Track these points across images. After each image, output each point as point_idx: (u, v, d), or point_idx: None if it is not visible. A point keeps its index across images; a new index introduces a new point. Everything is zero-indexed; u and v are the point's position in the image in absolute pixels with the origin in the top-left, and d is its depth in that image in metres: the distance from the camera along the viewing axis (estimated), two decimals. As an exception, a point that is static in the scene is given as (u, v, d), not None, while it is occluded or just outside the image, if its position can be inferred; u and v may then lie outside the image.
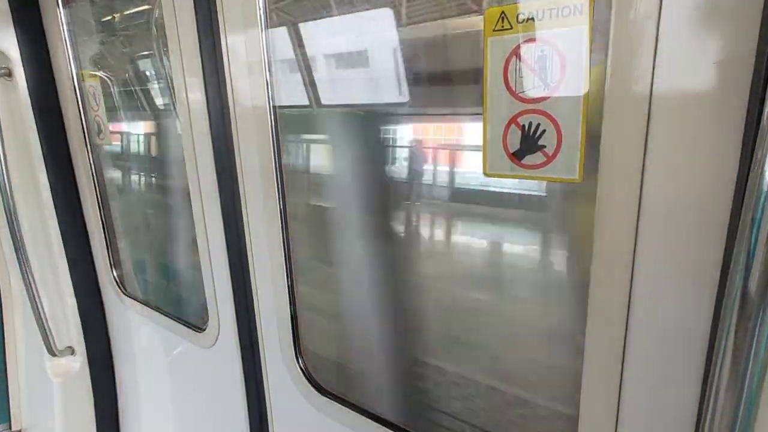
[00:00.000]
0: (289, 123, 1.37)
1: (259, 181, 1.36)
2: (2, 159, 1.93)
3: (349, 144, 1.42)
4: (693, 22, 0.65)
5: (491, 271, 1.24)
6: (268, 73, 1.26)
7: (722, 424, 0.57)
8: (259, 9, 1.22)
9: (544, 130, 0.85)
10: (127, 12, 1.85)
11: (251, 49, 1.26)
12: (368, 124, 1.38)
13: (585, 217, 0.85)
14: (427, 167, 1.26)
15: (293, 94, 1.39)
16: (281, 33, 1.32)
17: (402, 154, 1.32)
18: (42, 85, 1.99)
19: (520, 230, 1.15)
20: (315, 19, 1.29)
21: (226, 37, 1.30)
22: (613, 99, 0.74)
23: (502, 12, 0.83)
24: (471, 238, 1.24)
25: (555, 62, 0.82)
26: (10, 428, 3.08)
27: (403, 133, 1.32)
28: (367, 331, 1.51)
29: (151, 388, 2.26)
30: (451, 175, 1.22)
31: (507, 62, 0.85)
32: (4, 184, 1.95)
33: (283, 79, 1.33)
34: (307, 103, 1.43)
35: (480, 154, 0.95)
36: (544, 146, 0.86)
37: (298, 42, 1.35)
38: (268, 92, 1.27)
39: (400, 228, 1.39)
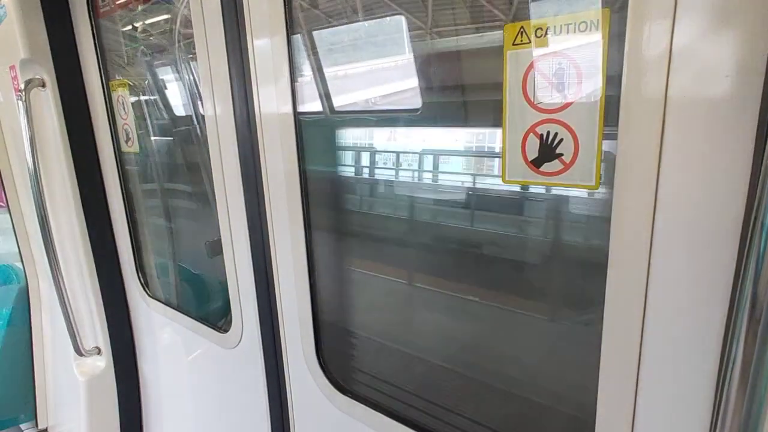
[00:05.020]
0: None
1: (284, 186, 1.41)
2: (35, 166, 2.01)
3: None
4: (706, 32, 0.67)
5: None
6: (292, 79, 1.31)
7: (733, 425, 0.60)
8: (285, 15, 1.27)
9: (561, 139, 0.88)
10: (153, 21, 1.92)
11: (276, 55, 1.31)
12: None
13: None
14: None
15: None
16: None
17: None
18: (73, 94, 2.07)
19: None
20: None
21: (252, 44, 1.34)
22: (629, 108, 0.76)
23: (521, 27, 0.87)
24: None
25: (572, 74, 0.85)
26: (36, 426, 3.17)
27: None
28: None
29: (174, 387, 2.31)
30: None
31: (526, 74, 0.89)
32: (37, 189, 2.03)
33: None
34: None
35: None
36: (562, 154, 0.89)
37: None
38: (293, 98, 1.32)
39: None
